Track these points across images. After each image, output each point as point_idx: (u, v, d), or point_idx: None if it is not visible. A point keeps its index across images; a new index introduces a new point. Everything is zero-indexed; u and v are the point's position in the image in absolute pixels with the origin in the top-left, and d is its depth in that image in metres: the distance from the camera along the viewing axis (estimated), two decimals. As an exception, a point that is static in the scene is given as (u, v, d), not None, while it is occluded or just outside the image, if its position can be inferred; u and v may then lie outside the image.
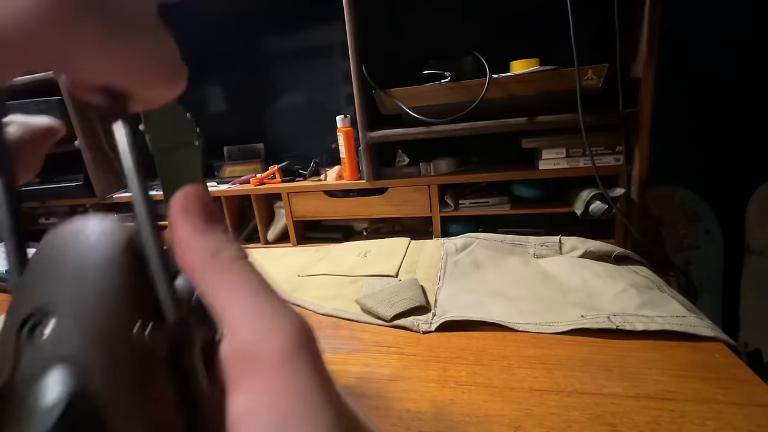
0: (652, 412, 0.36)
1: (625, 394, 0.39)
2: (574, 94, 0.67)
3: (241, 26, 1.07)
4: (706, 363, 0.42)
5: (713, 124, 0.89)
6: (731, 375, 0.40)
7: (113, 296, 0.15)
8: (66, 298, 0.15)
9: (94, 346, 0.14)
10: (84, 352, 0.14)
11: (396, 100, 0.76)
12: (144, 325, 0.15)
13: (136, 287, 0.16)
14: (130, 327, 0.15)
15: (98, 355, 0.14)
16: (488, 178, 0.81)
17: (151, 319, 0.15)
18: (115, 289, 0.15)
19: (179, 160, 0.31)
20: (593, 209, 0.72)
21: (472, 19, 0.89)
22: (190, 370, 0.15)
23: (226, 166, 1.05)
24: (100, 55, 0.16)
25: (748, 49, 0.84)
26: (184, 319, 0.16)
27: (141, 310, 0.15)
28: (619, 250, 0.66)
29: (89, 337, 0.14)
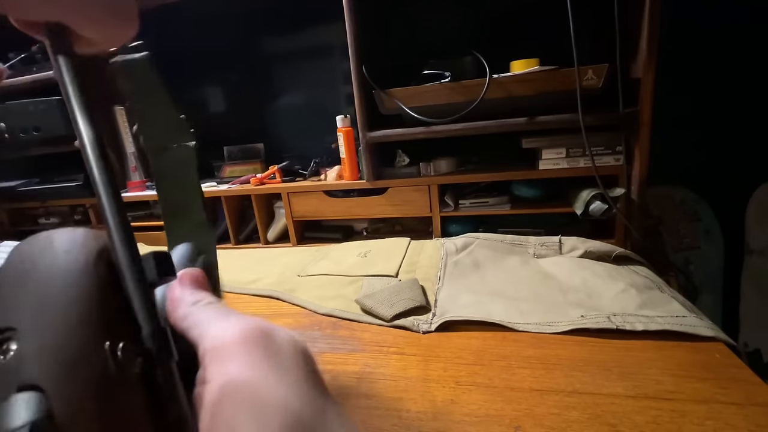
0: (652, 412, 0.36)
1: (625, 394, 0.39)
2: (574, 94, 0.67)
3: (241, 26, 1.07)
4: (706, 363, 0.42)
5: (713, 124, 0.89)
6: (731, 375, 0.40)
7: (79, 317, 0.14)
8: (30, 320, 0.14)
9: (58, 371, 0.13)
10: (48, 376, 0.13)
11: (396, 100, 0.76)
12: (114, 345, 0.14)
13: (107, 302, 0.15)
14: (97, 348, 0.14)
15: (62, 380, 0.13)
16: (488, 178, 0.81)
17: (123, 335, 0.15)
18: (81, 309, 0.15)
19: (174, 161, 0.31)
20: (593, 209, 0.72)
21: (472, 19, 0.89)
22: (168, 382, 0.15)
23: (226, 166, 1.05)
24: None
25: (748, 49, 0.84)
26: (161, 328, 0.16)
27: (112, 328, 0.15)
28: (619, 250, 0.66)
29: (53, 360, 0.13)
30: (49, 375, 0.13)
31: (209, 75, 1.16)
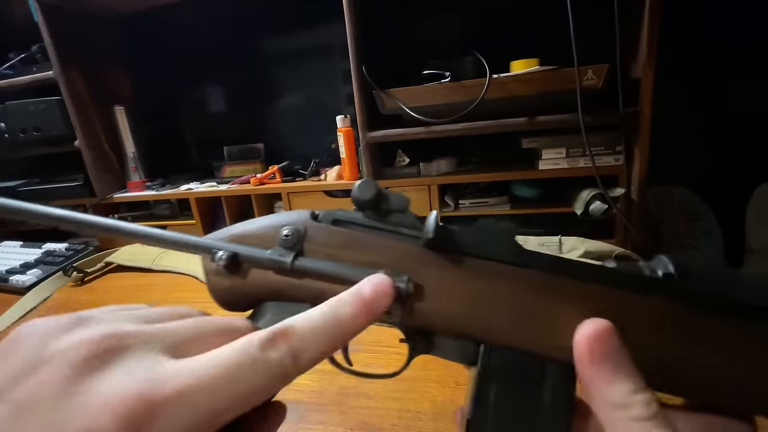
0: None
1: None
2: (574, 94, 0.67)
3: (241, 26, 1.07)
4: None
5: (713, 124, 0.89)
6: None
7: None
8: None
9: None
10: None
11: (396, 100, 0.76)
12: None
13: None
14: None
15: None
16: (488, 178, 0.81)
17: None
18: None
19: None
20: (593, 209, 0.72)
21: (472, 19, 0.89)
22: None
23: (226, 166, 1.05)
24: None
25: (748, 49, 0.84)
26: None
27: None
28: (619, 250, 0.66)
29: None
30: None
31: (209, 75, 1.16)
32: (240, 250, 0.23)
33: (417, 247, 0.22)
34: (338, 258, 0.23)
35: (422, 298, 0.22)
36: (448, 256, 0.22)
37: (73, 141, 0.98)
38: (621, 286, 0.20)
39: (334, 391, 0.44)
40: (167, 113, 1.17)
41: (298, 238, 0.23)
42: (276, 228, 0.24)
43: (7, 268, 0.88)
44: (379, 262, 0.22)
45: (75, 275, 0.83)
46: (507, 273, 0.21)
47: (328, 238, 0.23)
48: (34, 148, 1.03)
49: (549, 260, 0.21)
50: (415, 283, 0.21)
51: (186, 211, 1.02)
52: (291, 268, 0.22)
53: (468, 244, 0.22)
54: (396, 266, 0.22)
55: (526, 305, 0.21)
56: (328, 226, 0.23)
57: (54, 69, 0.93)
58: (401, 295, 0.21)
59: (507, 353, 0.21)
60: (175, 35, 1.12)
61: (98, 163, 1.02)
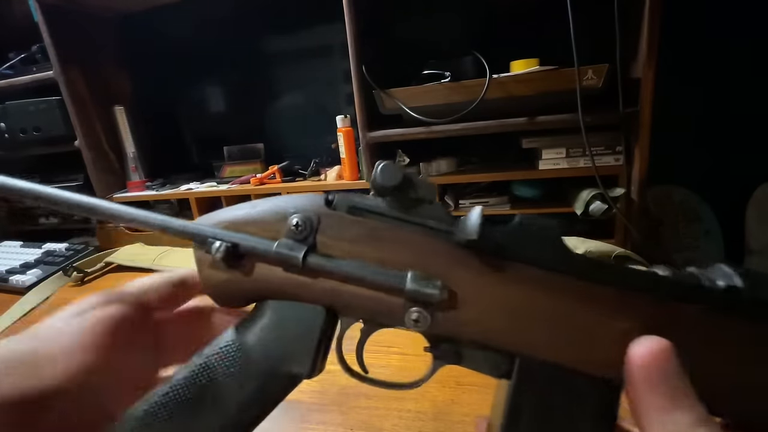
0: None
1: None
2: (574, 94, 0.67)
3: (241, 26, 1.07)
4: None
5: (713, 124, 0.89)
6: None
7: None
8: None
9: None
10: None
11: (396, 100, 0.76)
12: None
13: None
14: None
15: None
16: (488, 178, 0.81)
17: None
18: None
19: None
20: (593, 209, 0.72)
21: (472, 19, 0.89)
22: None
23: (226, 166, 1.05)
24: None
25: (748, 49, 0.84)
26: None
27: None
28: (619, 250, 0.66)
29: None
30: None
31: (209, 75, 1.16)
32: (241, 241, 0.20)
33: (452, 246, 0.19)
34: (358, 254, 0.20)
35: (456, 306, 0.19)
36: (489, 259, 0.19)
37: (73, 141, 0.98)
38: (680, 298, 0.18)
39: (334, 391, 0.44)
40: (167, 113, 1.17)
41: (311, 229, 0.20)
42: (284, 214, 0.20)
43: (7, 268, 0.88)
44: (406, 261, 0.19)
45: (75, 275, 0.83)
46: (553, 281, 0.18)
47: (346, 229, 0.20)
48: (34, 148, 1.03)
49: (599, 267, 0.19)
50: (449, 289, 0.19)
51: (186, 211, 1.02)
52: (303, 265, 0.19)
53: (511, 245, 0.19)
54: (426, 267, 0.19)
55: (573, 318, 0.18)
56: (344, 215, 0.20)
57: (54, 69, 0.93)
58: (432, 303, 0.19)
59: (546, 368, 0.19)
60: (175, 35, 1.12)
61: (98, 163, 1.02)
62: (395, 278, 0.19)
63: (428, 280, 0.19)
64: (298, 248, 0.20)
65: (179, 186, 1.02)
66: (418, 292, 0.19)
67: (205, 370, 0.20)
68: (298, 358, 0.21)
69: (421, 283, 0.19)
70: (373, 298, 0.20)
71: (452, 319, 0.19)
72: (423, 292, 0.18)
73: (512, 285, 0.19)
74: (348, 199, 0.21)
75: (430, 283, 0.19)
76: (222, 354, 0.20)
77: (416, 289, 0.19)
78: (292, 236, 0.20)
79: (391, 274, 0.19)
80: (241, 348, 0.21)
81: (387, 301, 0.19)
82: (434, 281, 0.19)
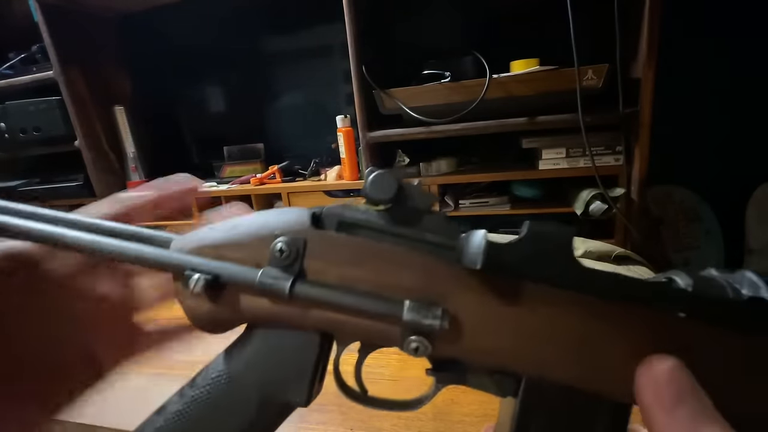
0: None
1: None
2: (574, 94, 0.67)
3: (241, 26, 1.07)
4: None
5: (713, 124, 0.89)
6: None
7: None
8: None
9: None
10: None
11: (396, 100, 0.76)
12: None
13: None
14: None
15: None
16: (488, 178, 0.81)
17: None
18: None
19: None
20: (593, 209, 0.72)
21: (472, 19, 0.89)
22: None
23: (226, 166, 1.05)
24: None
25: (748, 49, 0.84)
26: None
27: None
28: (619, 250, 0.66)
29: None
30: None
31: (209, 75, 1.16)
32: (221, 271, 0.18)
33: (454, 268, 0.17)
34: (351, 279, 0.18)
35: (459, 332, 0.18)
36: (495, 280, 0.17)
37: (73, 141, 0.98)
38: (696, 314, 0.16)
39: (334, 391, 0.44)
40: (167, 113, 1.17)
41: (297, 254, 0.18)
42: (267, 238, 0.18)
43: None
44: (404, 284, 0.18)
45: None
46: (562, 299, 0.17)
47: (336, 251, 0.18)
48: (34, 148, 1.03)
49: (611, 282, 0.17)
50: (451, 315, 0.17)
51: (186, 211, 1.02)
52: (290, 296, 0.18)
53: (518, 263, 0.17)
54: (426, 291, 0.18)
55: (581, 337, 0.17)
56: (335, 235, 0.18)
57: (54, 69, 0.93)
58: (432, 332, 0.17)
59: (554, 387, 0.18)
60: (175, 35, 1.12)
61: (98, 163, 1.02)
62: (391, 308, 0.17)
63: (428, 308, 0.17)
64: (284, 278, 0.18)
65: (179, 186, 1.01)
66: (416, 323, 0.17)
67: (198, 403, 0.19)
68: (294, 387, 0.19)
69: (420, 313, 0.17)
70: (369, 326, 0.18)
71: (455, 345, 0.18)
72: (422, 324, 0.17)
73: (519, 305, 0.17)
74: (337, 213, 0.19)
75: (430, 313, 0.17)
76: (213, 385, 0.19)
77: (414, 320, 0.17)
78: (277, 263, 0.18)
79: (386, 304, 0.18)
80: (233, 378, 0.19)
81: (384, 329, 0.18)
82: (435, 310, 0.17)
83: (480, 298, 0.17)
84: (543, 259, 0.17)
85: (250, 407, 0.19)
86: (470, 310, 0.18)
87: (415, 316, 0.17)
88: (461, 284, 0.18)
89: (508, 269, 0.17)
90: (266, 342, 0.20)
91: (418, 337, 0.18)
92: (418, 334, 0.18)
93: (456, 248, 0.18)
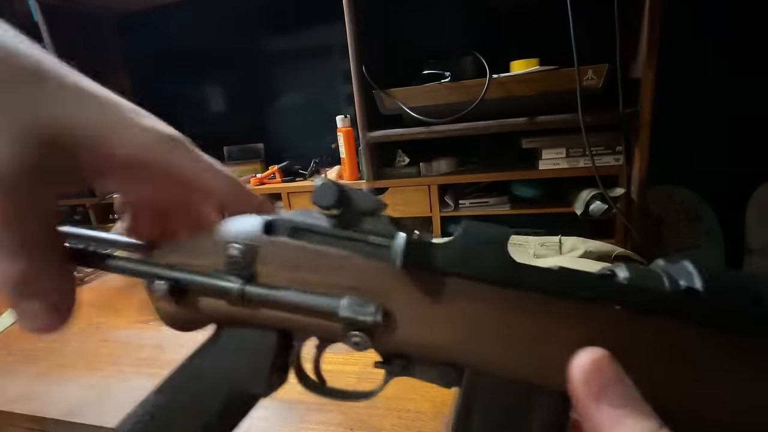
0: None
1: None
2: (574, 94, 0.67)
3: (241, 26, 1.07)
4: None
5: (713, 124, 0.89)
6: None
7: None
8: None
9: None
10: None
11: (396, 100, 0.76)
12: None
13: None
14: None
15: None
16: (488, 178, 0.81)
17: None
18: None
19: None
20: (593, 209, 0.72)
21: (472, 19, 0.89)
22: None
23: (226, 166, 1.05)
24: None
25: (747, 49, 0.84)
26: None
27: None
28: (619, 250, 0.66)
29: None
30: None
31: (209, 75, 1.16)
32: (180, 277, 0.20)
33: (389, 265, 0.19)
34: (300, 281, 0.19)
35: (395, 327, 0.19)
36: (425, 277, 0.19)
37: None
38: (628, 306, 0.17)
39: (334, 391, 0.44)
40: (167, 113, 1.16)
41: (249, 259, 0.20)
42: (222, 245, 0.20)
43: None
44: (347, 284, 0.19)
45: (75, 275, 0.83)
46: (496, 295, 0.18)
47: (285, 256, 0.20)
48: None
49: (546, 277, 0.18)
50: (385, 310, 0.19)
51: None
52: (241, 298, 0.19)
53: (449, 260, 0.18)
54: (365, 289, 0.19)
55: (517, 332, 0.18)
56: (284, 240, 0.20)
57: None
58: (368, 328, 0.19)
59: (495, 379, 0.19)
60: (175, 35, 1.12)
61: (98, 163, 1.02)
62: (329, 305, 0.19)
63: (363, 305, 0.18)
64: (236, 281, 0.20)
65: (179, 186, 1.01)
66: (352, 319, 0.18)
67: (174, 394, 0.22)
68: (254, 380, 0.21)
69: (355, 309, 0.18)
70: (315, 323, 0.20)
71: (392, 339, 0.19)
72: (357, 320, 0.18)
73: (454, 301, 0.18)
74: (290, 221, 0.20)
75: (364, 309, 0.18)
76: (186, 379, 0.22)
77: (349, 316, 0.18)
78: (229, 269, 0.20)
79: (325, 301, 0.19)
80: (202, 373, 0.22)
81: (329, 325, 0.19)
82: (368, 306, 0.18)
83: (412, 294, 0.19)
84: (473, 257, 0.18)
85: (219, 399, 0.21)
86: (404, 306, 0.19)
87: (350, 312, 0.18)
88: (395, 282, 0.19)
89: (432, 266, 0.18)
90: (229, 338, 0.22)
91: (358, 333, 0.19)
92: (357, 329, 0.19)
93: (390, 248, 0.19)
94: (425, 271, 0.18)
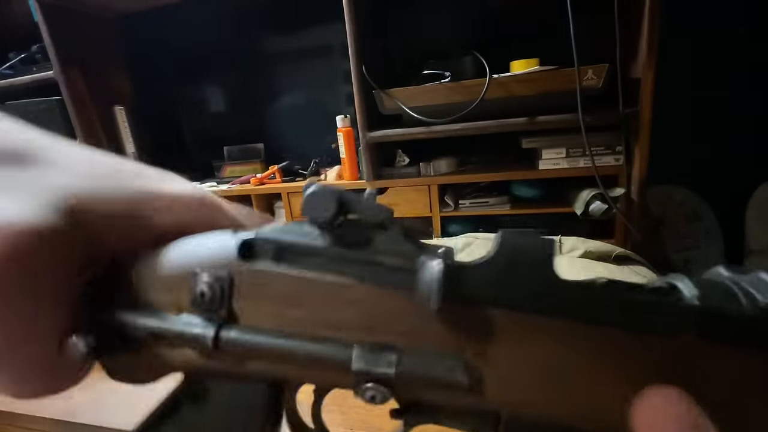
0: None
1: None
2: (574, 94, 0.67)
3: (241, 26, 1.07)
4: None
5: (713, 124, 0.89)
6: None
7: None
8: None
9: None
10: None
11: (396, 100, 0.76)
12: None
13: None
14: None
15: None
16: (488, 178, 0.81)
17: None
18: None
19: None
20: (593, 209, 0.72)
21: (472, 19, 0.89)
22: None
23: (226, 166, 1.05)
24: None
25: (747, 49, 0.84)
26: None
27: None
28: (619, 250, 0.66)
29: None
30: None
31: (209, 75, 1.16)
32: (130, 321, 0.15)
33: (410, 294, 0.14)
34: (290, 320, 0.15)
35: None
36: (457, 309, 0.14)
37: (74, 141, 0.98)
38: (709, 334, 0.13)
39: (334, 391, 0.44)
40: (167, 113, 1.17)
41: (222, 296, 0.15)
42: (187, 274, 0.15)
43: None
44: (352, 323, 0.15)
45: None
46: (544, 328, 0.14)
47: (271, 287, 0.15)
48: (34, 148, 1.03)
49: (605, 302, 0.14)
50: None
51: (186, 211, 1.02)
52: (214, 347, 0.15)
53: (485, 290, 0.14)
54: (378, 327, 0.15)
55: (566, 368, 0.14)
56: (268, 265, 0.15)
57: (54, 69, 0.93)
58: (389, 380, 0.14)
59: (539, 426, 0.15)
60: (175, 35, 1.12)
61: (98, 163, 1.02)
62: (338, 354, 0.15)
63: (380, 353, 0.14)
64: (206, 326, 0.15)
65: (179, 186, 1.01)
66: (368, 372, 0.14)
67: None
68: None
69: (372, 360, 0.14)
70: (317, 374, 0.16)
71: (419, 389, 0.15)
72: (375, 372, 0.14)
73: (490, 338, 0.15)
74: (275, 239, 0.15)
75: (383, 360, 0.14)
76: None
77: (365, 369, 0.14)
78: (200, 308, 0.15)
79: (332, 350, 0.15)
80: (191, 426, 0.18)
81: (335, 376, 0.15)
82: (388, 356, 0.14)
83: (444, 334, 0.15)
84: (516, 283, 0.14)
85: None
86: (433, 348, 0.15)
87: (364, 365, 0.14)
88: (420, 320, 0.15)
89: (472, 300, 0.14)
90: (209, 394, 0.17)
91: (374, 385, 0.15)
92: (373, 381, 0.15)
93: (414, 274, 0.14)
94: (456, 310, 0.14)
